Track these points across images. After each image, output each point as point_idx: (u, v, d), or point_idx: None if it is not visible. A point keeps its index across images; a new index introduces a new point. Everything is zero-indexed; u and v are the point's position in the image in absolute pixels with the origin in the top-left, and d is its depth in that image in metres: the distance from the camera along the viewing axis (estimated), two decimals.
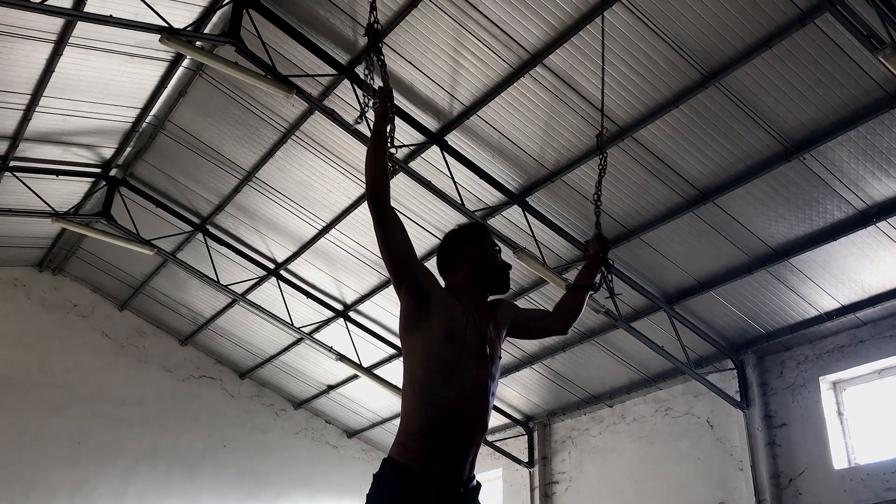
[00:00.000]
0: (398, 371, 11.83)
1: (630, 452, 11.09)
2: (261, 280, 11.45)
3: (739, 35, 6.71)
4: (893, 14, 5.64)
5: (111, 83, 8.85)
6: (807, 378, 9.32)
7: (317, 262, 11.05)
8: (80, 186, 10.82)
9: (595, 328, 10.24)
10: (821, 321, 8.95)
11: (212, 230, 11.09)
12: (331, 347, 11.91)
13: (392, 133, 3.45)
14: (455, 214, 9.03)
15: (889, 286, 8.33)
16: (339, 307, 11.67)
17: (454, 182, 8.58)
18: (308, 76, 8.20)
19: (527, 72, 7.55)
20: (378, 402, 13.48)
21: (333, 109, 8.32)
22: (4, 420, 11.95)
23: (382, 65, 3.85)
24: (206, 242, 11.09)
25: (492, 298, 3.30)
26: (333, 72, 8.12)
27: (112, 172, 10.66)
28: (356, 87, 8.04)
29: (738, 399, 9.73)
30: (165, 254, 11.30)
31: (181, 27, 7.54)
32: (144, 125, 9.77)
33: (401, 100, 8.11)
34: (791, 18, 6.44)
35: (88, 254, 12.52)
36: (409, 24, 7.51)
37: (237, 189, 10.24)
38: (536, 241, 8.89)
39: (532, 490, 12.23)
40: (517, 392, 12.11)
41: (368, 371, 12.07)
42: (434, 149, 8.54)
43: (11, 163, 9.85)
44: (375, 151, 3.12)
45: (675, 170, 8.01)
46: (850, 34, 6.05)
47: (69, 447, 12.33)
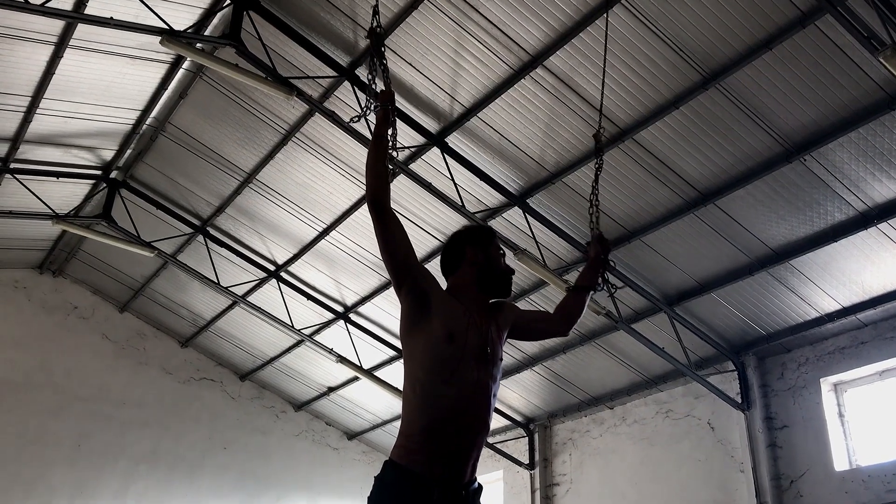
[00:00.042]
0: (399, 373, 11.83)
1: (631, 454, 11.08)
2: (261, 282, 11.44)
3: (740, 36, 6.71)
4: (894, 15, 5.64)
5: (112, 85, 8.85)
6: (808, 380, 9.32)
7: (317, 264, 11.05)
8: (81, 188, 10.82)
9: (595, 330, 10.24)
10: (822, 323, 8.95)
11: (212, 232, 11.10)
12: (331, 349, 11.90)
13: (394, 136, 3.45)
14: (455, 216, 9.04)
15: (890, 287, 8.33)
16: (340, 309, 11.66)
17: (454, 184, 8.58)
18: (308, 78, 8.21)
19: (527, 73, 7.55)
20: (379, 404, 13.48)
21: (334, 111, 8.33)
22: (5, 421, 11.95)
23: (384, 68, 3.85)
24: (207, 244, 11.09)
25: (493, 301, 3.29)
26: (334, 74, 8.13)
27: (112, 174, 10.67)
28: (356, 89, 8.06)
29: (739, 401, 9.73)
30: (166, 256, 11.30)
31: (182, 29, 7.55)
32: (145, 127, 9.77)
33: (401, 101, 8.11)
34: (791, 20, 6.44)
35: (89, 256, 12.53)
36: (410, 26, 7.51)
37: (237, 191, 10.24)
38: (537, 243, 8.89)
39: (533, 492, 12.22)
40: (518, 394, 12.10)
41: (369, 373, 12.06)
42: (434, 150, 8.55)
43: (12, 165, 9.85)
44: (376, 154, 3.13)
45: (676, 171, 8.01)
46: (851, 35, 6.04)
47: (69, 449, 12.33)
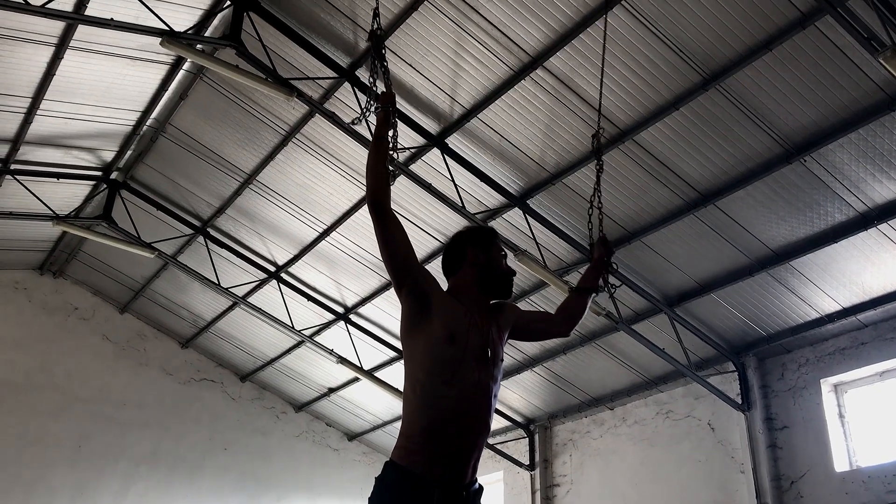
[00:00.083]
0: (399, 374, 11.82)
1: (631, 455, 11.08)
2: (261, 283, 11.45)
3: (740, 37, 6.72)
4: (894, 16, 5.64)
5: (112, 86, 8.86)
6: (808, 380, 9.32)
7: (317, 265, 11.05)
8: (81, 189, 10.82)
9: (596, 330, 10.24)
10: (822, 323, 8.95)
11: (212, 233, 11.10)
12: (331, 350, 11.90)
13: (395, 138, 3.45)
14: (456, 217, 9.05)
15: (890, 288, 8.33)
16: (340, 310, 11.67)
17: (455, 185, 8.59)
18: (309, 79, 8.21)
19: (527, 74, 7.55)
20: (379, 405, 13.48)
21: (334, 112, 8.33)
22: (5, 422, 11.96)
23: (385, 70, 3.85)
24: (207, 245, 11.09)
25: (494, 301, 3.29)
26: (334, 75, 8.13)
27: (113, 175, 10.67)
28: (357, 90, 8.06)
29: (739, 401, 9.73)
30: (166, 257, 11.30)
31: (182, 30, 7.55)
32: (145, 128, 9.77)
33: (402, 102, 8.12)
34: (791, 21, 6.44)
35: (89, 257, 12.53)
36: (410, 27, 7.52)
37: (238, 192, 10.24)
38: (537, 244, 8.89)
39: (533, 493, 12.22)
40: (518, 394, 12.10)
41: (369, 374, 12.06)
42: (435, 151, 8.55)
43: (12, 166, 9.85)
44: (376, 156, 3.13)
45: (676, 172, 8.01)
46: (851, 36, 6.04)
47: (70, 450, 12.33)
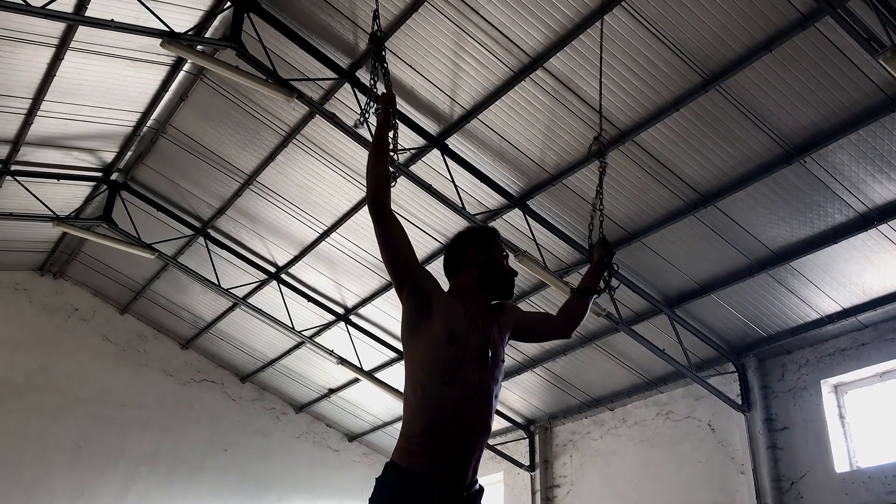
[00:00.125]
0: (399, 374, 11.82)
1: (631, 456, 11.08)
2: (262, 284, 11.45)
3: (740, 38, 6.72)
4: (894, 17, 5.64)
5: (112, 87, 8.86)
6: (808, 381, 9.32)
7: (318, 266, 11.06)
8: (82, 190, 10.83)
9: (596, 331, 10.24)
10: (822, 324, 8.95)
11: (213, 234, 11.10)
12: (332, 351, 11.90)
13: (395, 139, 3.45)
14: (456, 218, 9.05)
15: (890, 289, 8.32)
16: (340, 311, 11.67)
17: (455, 186, 8.59)
18: (309, 80, 8.21)
19: (527, 75, 7.55)
20: (379, 406, 13.48)
21: (334, 113, 8.34)
22: (5, 423, 11.96)
23: (385, 72, 3.85)
24: (207, 246, 11.10)
25: (494, 302, 3.28)
26: (334, 75, 8.14)
27: (113, 176, 10.68)
28: (357, 91, 8.07)
29: (740, 402, 9.72)
30: (166, 258, 11.31)
31: (182, 31, 7.55)
32: (145, 129, 9.78)
33: (402, 103, 8.12)
34: (791, 22, 6.44)
35: (89, 258, 12.53)
36: (410, 28, 7.52)
37: (238, 193, 10.25)
38: (537, 245, 8.89)
39: (533, 494, 12.22)
40: (518, 395, 12.10)
41: (369, 375, 12.06)
42: (435, 152, 8.55)
43: (13, 167, 9.86)
44: (377, 157, 3.13)
45: (676, 173, 8.02)
46: (851, 37, 6.04)
47: (70, 451, 12.33)
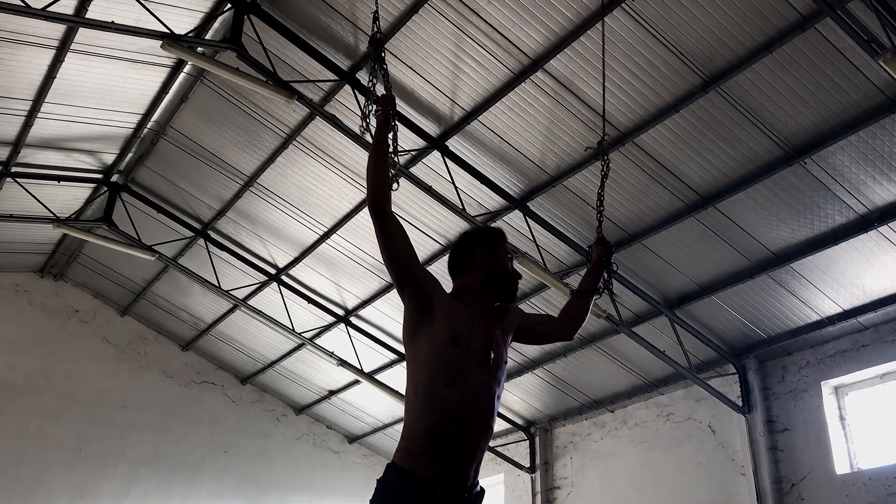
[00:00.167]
0: (399, 376, 11.82)
1: (632, 457, 11.07)
2: (262, 285, 11.44)
3: (740, 40, 6.72)
4: (894, 19, 5.65)
5: (113, 89, 8.86)
6: (809, 383, 9.31)
7: (318, 268, 11.05)
8: (82, 192, 10.83)
9: (597, 333, 10.23)
10: (822, 326, 8.94)
11: (213, 235, 11.10)
12: (332, 353, 11.90)
13: (395, 141, 3.45)
14: (456, 219, 9.06)
15: (891, 290, 8.32)
16: (341, 312, 11.66)
17: (455, 187, 8.59)
18: (309, 82, 8.21)
19: (528, 77, 7.55)
20: (379, 408, 13.47)
21: (334, 115, 8.34)
22: (5, 425, 11.96)
23: (385, 74, 3.86)
24: (208, 248, 11.10)
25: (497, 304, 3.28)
26: (335, 77, 8.14)
27: (114, 178, 10.68)
28: (357, 93, 8.07)
29: (740, 404, 9.72)
30: (167, 259, 11.31)
31: (183, 33, 7.56)
32: (146, 131, 9.78)
33: (402, 105, 8.12)
34: (792, 23, 6.45)
35: (90, 259, 12.53)
36: (410, 30, 7.52)
37: (238, 194, 10.25)
38: (538, 246, 8.89)
39: (534, 495, 12.21)
40: (519, 397, 12.09)
41: (370, 376, 12.05)
42: (435, 154, 8.56)
43: (13, 168, 9.86)
44: (377, 158, 3.13)
45: (677, 174, 8.01)
46: (851, 39, 6.05)
47: (70, 452, 12.32)
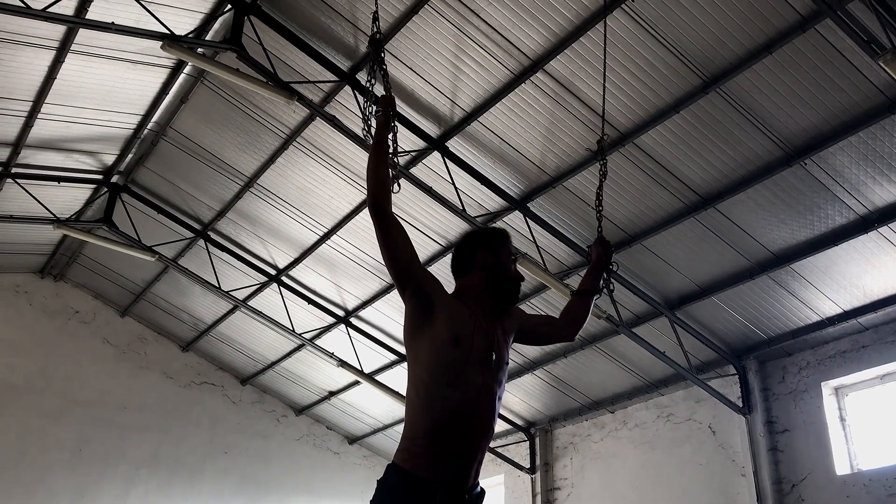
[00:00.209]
0: (399, 377, 11.83)
1: (632, 458, 11.07)
2: (262, 286, 11.44)
3: (740, 41, 6.72)
4: (894, 19, 5.65)
5: (113, 90, 8.87)
6: (809, 383, 9.31)
7: (318, 268, 11.05)
8: (82, 193, 10.83)
9: (597, 334, 10.23)
10: (823, 326, 8.94)
11: (213, 236, 11.10)
12: (332, 353, 11.89)
13: (395, 142, 3.45)
14: (456, 220, 9.06)
15: (891, 291, 8.32)
16: (341, 313, 11.66)
17: (455, 188, 8.59)
18: (309, 82, 8.22)
19: (528, 78, 7.55)
20: (379, 409, 13.47)
21: (335, 116, 8.34)
22: (6, 426, 11.95)
23: (385, 74, 3.86)
24: (208, 248, 11.10)
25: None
26: (335, 78, 8.14)
27: (114, 179, 10.68)
28: (357, 94, 8.07)
29: (740, 405, 9.72)
30: (167, 260, 11.31)
31: (183, 34, 7.56)
32: (146, 132, 9.78)
33: (402, 106, 8.12)
34: (791, 24, 6.45)
35: (90, 260, 12.54)
36: (411, 31, 7.52)
37: (238, 195, 10.25)
38: (538, 247, 8.89)
39: (534, 496, 12.21)
40: (519, 398, 12.09)
41: (370, 377, 12.05)
42: (435, 155, 8.55)
43: (13, 169, 9.86)
44: (377, 159, 3.12)
45: (677, 175, 8.02)
46: (851, 39, 6.05)
47: (70, 453, 12.32)
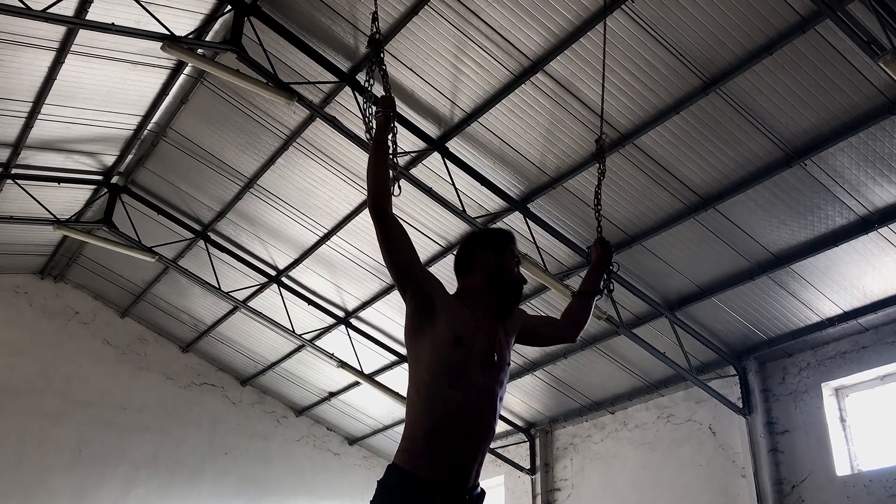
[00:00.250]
0: (400, 378, 11.82)
1: (632, 459, 11.06)
2: (262, 287, 11.44)
3: (740, 41, 6.72)
4: (894, 20, 5.65)
5: (113, 91, 8.87)
6: (809, 384, 9.30)
7: (318, 269, 11.05)
8: (82, 194, 10.83)
9: (597, 335, 10.22)
10: (823, 327, 8.94)
11: (213, 237, 11.10)
12: (332, 354, 11.89)
13: (395, 142, 3.45)
14: (456, 221, 9.06)
15: (891, 292, 8.31)
16: (341, 314, 11.66)
17: (455, 189, 8.58)
18: (309, 83, 8.22)
19: (528, 78, 7.55)
20: (379, 409, 13.46)
21: (335, 116, 8.33)
22: (6, 427, 11.95)
23: (384, 75, 3.86)
24: (208, 249, 11.10)
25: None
26: (335, 79, 8.14)
27: (114, 180, 10.68)
28: (357, 95, 8.07)
29: (741, 405, 9.71)
30: (167, 261, 11.30)
31: (183, 35, 7.56)
32: (146, 132, 9.78)
33: (402, 106, 8.12)
34: (791, 25, 6.45)
35: (90, 261, 12.53)
36: (410, 31, 7.52)
37: (238, 196, 10.25)
38: (538, 248, 8.89)
39: (534, 497, 12.20)
40: (519, 399, 12.08)
41: (370, 378, 12.04)
42: (435, 155, 8.55)
43: (13, 170, 9.86)
44: (377, 160, 3.12)
45: (677, 176, 8.01)
46: (851, 40, 6.05)
47: (70, 454, 12.32)
